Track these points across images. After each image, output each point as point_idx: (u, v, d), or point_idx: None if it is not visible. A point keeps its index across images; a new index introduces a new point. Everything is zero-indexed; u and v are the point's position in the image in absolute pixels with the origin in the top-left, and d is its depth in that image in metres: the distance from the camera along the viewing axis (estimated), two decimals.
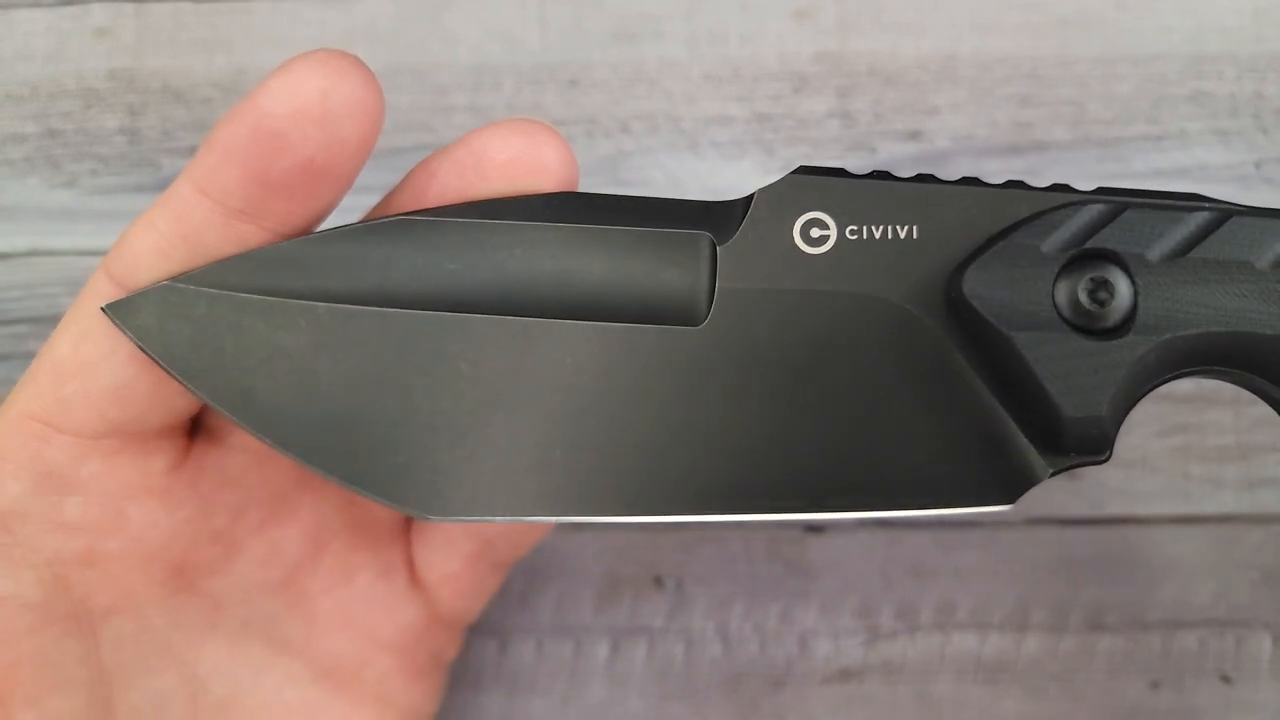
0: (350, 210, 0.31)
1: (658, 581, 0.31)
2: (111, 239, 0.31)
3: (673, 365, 0.19)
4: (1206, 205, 0.19)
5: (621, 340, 0.19)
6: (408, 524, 0.26)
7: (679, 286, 0.20)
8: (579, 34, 0.33)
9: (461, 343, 0.19)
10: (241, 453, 0.23)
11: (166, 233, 0.20)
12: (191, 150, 0.32)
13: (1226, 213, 0.19)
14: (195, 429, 0.23)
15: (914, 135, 0.32)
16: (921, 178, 0.19)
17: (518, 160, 0.20)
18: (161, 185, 0.32)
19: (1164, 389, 0.20)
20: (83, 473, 0.21)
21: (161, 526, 0.22)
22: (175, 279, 0.20)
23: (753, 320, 0.19)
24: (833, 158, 0.32)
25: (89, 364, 0.21)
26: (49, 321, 0.31)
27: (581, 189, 0.33)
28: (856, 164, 0.32)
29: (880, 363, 0.19)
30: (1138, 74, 0.32)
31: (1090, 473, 0.31)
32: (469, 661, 0.31)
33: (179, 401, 0.21)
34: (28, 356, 0.31)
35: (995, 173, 0.32)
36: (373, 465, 0.20)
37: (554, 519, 0.20)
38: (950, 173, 0.32)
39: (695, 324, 0.19)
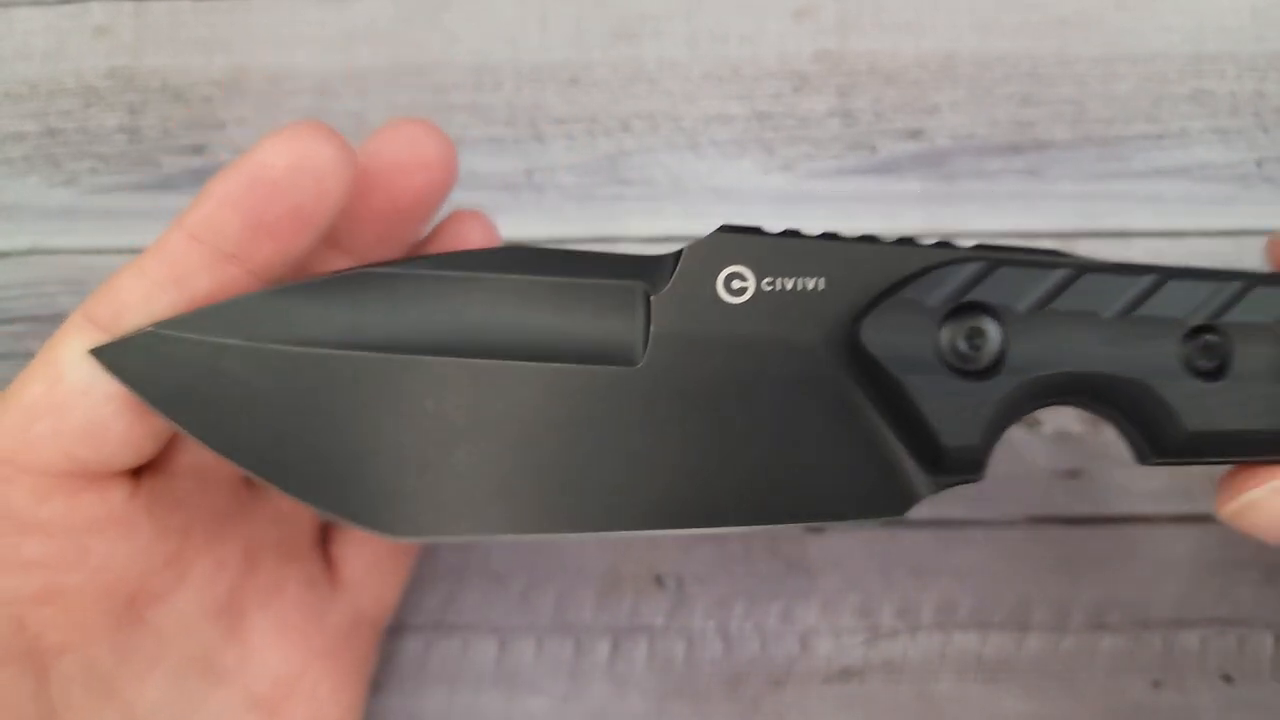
0: None
1: (658, 580, 0.31)
2: (112, 238, 0.32)
3: (613, 401, 0.22)
4: (1065, 262, 0.22)
5: (568, 379, 0.22)
6: (325, 531, 0.28)
7: (618, 331, 0.22)
8: (579, 33, 0.33)
9: (424, 382, 0.22)
10: (185, 477, 0.24)
11: (157, 277, 0.22)
12: (192, 149, 0.32)
13: (1081, 269, 0.22)
14: None
15: (914, 134, 0.32)
16: (826, 235, 0.22)
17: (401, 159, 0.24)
18: (162, 184, 0.32)
19: None
20: (44, 512, 0.22)
21: (121, 555, 0.23)
22: (159, 325, 0.21)
23: (683, 361, 0.22)
24: (833, 156, 0.32)
25: (63, 404, 0.21)
26: (48, 320, 0.31)
27: (583, 188, 0.33)
28: (857, 163, 0.32)
29: (793, 398, 0.22)
30: (1138, 73, 0.32)
31: (1092, 471, 0.31)
32: (469, 661, 0.31)
33: (147, 444, 0.22)
34: (26, 356, 0.31)
35: (996, 171, 0.32)
36: (349, 492, 0.22)
37: (510, 537, 0.22)
38: (952, 171, 0.32)
39: (632, 364, 0.22)
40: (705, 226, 0.32)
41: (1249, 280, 0.22)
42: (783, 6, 0.33)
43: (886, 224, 0.32)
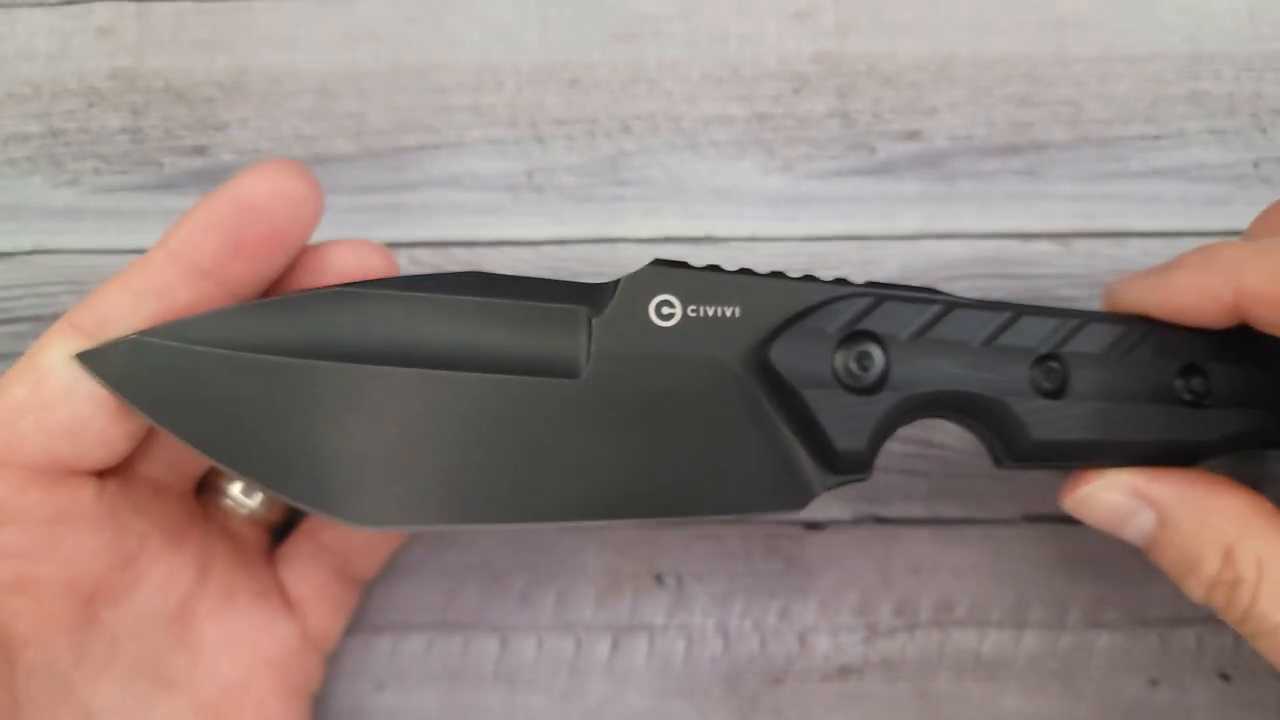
0: (357, 210, 0.31)
1: (658, 579, 0.31)
2: (114, 238, 0.32)
3: (557, 409, 0.24)
4: (940, 299, 0.26)
5: (517, 389, 0.24)
6: (273, 554, 0.29)
7: (563, 348, 0.25)
8: (579, 34, 0.33)
9: (388, 389, 0.24)
10: (144, 484, 0.26)
11: (139, 289, 0.23)
12: (194, 149, 0.32)
13: (951, 305, 0.26)
14: None
15: (913, 135, 0.32)
16: (742, 271, 0.25)
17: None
18: (164, 184, 0.32)
19: None
20: (21, 503, 0.23)
21: (87, 549, 0.24)
22: (142, 333, 0.23)
23: (619, 376, 0.25)
24: (832, 157, 0.32)
25: (47, 403, 0.23)
26: (50, 320, 0.31)
27: (583, 189, 0.33)
28: (856, 163, 0.32)
29: (712, 408, 0.25)
30: (1135, 73, 0.32)
31: None
32: (469, 659, 0.31)
33: (121, 443, 0.24)
34: None
35: (994, 171, 0.32)
36: (317, 485, 0.24)
37: (466, 527, 0.24)
38: (950, 172, 0.32)
39: (575, 377, 0.25)
40: (704, 227, 0.32)
41: (1084, 318, 0.26)
42: (783, 7, 0.33)
43: (885, 224, 0.32)
